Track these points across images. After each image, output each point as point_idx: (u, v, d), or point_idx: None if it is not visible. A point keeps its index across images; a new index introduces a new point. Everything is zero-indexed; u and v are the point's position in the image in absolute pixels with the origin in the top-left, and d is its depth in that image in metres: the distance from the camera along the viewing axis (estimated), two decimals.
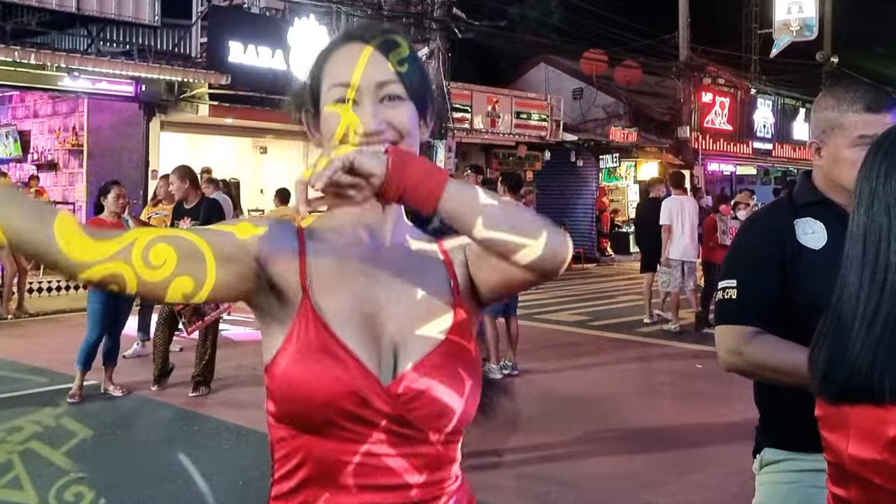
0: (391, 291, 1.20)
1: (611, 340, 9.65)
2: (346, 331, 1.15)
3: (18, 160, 15.56)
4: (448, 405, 1.16)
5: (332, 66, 1.20)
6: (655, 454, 5.42)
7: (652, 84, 22.55)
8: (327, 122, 1.18)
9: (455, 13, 16.63)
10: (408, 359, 1.16)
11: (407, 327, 1.18)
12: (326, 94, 1.19)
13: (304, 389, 1.11)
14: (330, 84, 1.19)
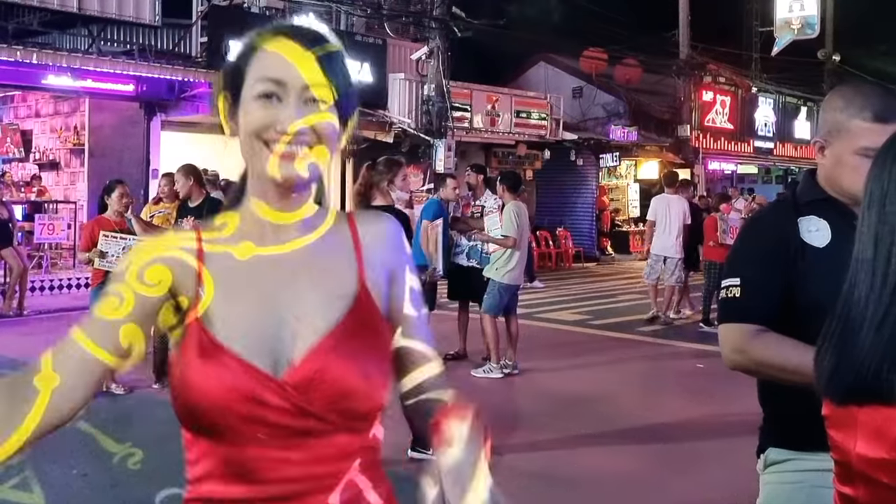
0: (293, 285, 1.19)
1: (611, 339, 9.66)
2: (236, 334, 1.14)
3: (21, 160, 15.56)
4: (349, 386, 1.14)
5: (261, 58, 1.18)
6: (657, 453, 5.42)
7: (652, 82, 22.50)
8: (249, 114, 1.17)
9: (454, 12, 16.60)
10: (302, 346, 1.14)
11: (306, 317, 1.17)
12: (252, 85, 1.17)
13: (194, 395, 1.11)
14: (257, 77, 1.17)
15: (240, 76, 1.19)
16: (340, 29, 16.44)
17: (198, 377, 1.12)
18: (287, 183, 1.17)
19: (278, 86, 1.15)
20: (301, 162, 1.16)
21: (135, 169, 13.56)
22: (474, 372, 7.39)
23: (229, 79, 1.21)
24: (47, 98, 14.89)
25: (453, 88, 16.85)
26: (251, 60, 1.18)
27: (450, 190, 8.00)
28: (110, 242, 6.39)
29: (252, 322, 1.15)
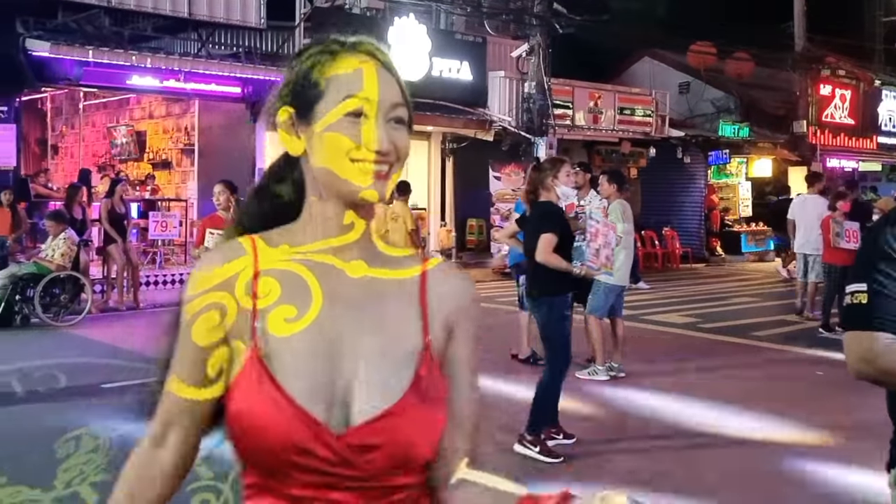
0: (355, 325, 1.13)
1: (724, 344, 9.21)
2: (292, 376, 1.09)
3: (136, 159, 16.26)
4: (412, 453, 1.11)
5: (340, 74, 1.14)
6: (772, 465, 5.11)
7: (764, 77, 21.58)
8: (335, 131, 1.12)
9: (556, 8, 16.33)
10: (367, 406, 1.09)
11: (369, 367, 1.11)
12: (337, 102, 1.13)
13: (245, 434, 1.09)
14: (344, 93, 1.13)
15: (314, 91, 1.15)
16: (440, 28, 16.44)
17: (251, 416, 1.08)
18: (373, 201, 1.15)
19: (367, 104, 1.13)
20: (386, 182, 1.15)
21: (242, 168, 13.92)
22: (579, 374, 7.16)
23: (298, 92, 1.16)
24: (160, 100, 15.49)
25: (554, 85, 16.58)
26: (329, 74, 1.15)
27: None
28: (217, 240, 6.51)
29: (308, 361, 1.10)
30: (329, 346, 1.11)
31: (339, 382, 1.09)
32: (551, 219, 5.25)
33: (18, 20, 11.58)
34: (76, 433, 4.84)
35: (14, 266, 9.61)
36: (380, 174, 1.13)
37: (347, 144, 1.12)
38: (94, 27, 12.21)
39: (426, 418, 1.11)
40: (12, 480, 4.41)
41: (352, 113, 1.12)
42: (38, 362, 7.32)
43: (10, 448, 5.03)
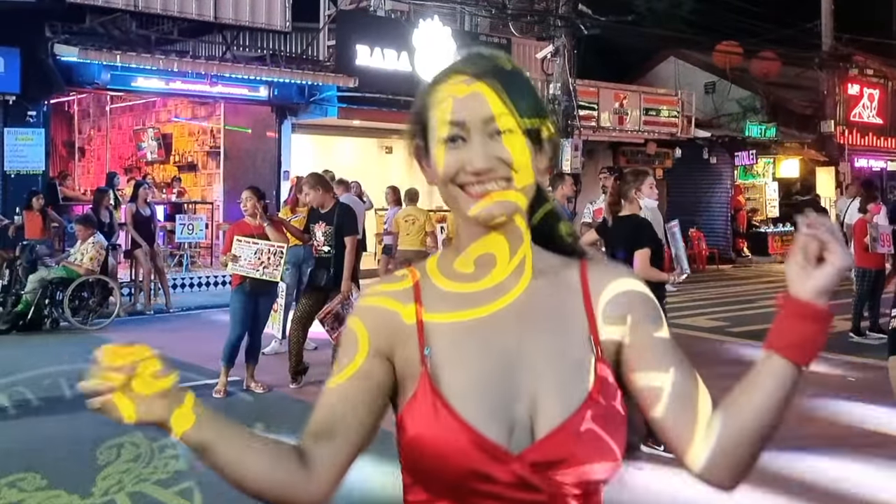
0: (524, 339, 1.13)
1: (753, 348, 9.06)
2: (468, 400, 1.08)
3: (162, 161, 16.38)
4: (595, 469, 1.08)
5: (439, 101, 1.15)
6: (804, 473, 5.01)
7: (791, 76, 21.34)
8: (438, 161, 1.14)
9: (581, 9, 16.24)
10: (546, 424, 1.08)
11: (544, 383, 1.10)
12: (434, 132, 1.15)
13: (423, 458, 1.09)
14: (437, 122, 1.14)
15: (423, 124, 1.18)
16: (465, 30, 16.40)
17: (430, 442, 1.08)
18: (489, 222, 1.13)
19: (459, 127, 1.12)
20: (497, 198, 1.12)
21: (267, 171, 14.00)
22: None
23: (415, 128, 1.20)
24: (185, 103, 15.59)
25: (579, 86, 16.50)
26: (430, 105, 1.16)
27: (568, 187, 7.98)
28: (243, 247, 6.54)
29: (482, 383, 1.10)
30: (500, 356, 1.11)
31: (520, 399, 1.08)
32: (643, 233, 5.29)
33: (47, 25, 11.71)
34: (119, 441, 4.91)
35: (43, 270, 9.70)
36: (483, 193, 1.11)
37: (450, 171, 1.12)
38: (121, 31, 12.32)
39: (605, 429, 1.09)
40: (52, 484, 4.48)
41: (447, 139, 1.13)
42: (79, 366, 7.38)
43: (51, 453, 5.08)
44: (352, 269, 6.75)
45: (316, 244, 6.73)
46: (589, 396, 1.10)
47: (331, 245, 6.68)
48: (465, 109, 1.11)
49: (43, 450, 5.15)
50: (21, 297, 9.47)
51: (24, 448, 5.21)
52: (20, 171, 11.76)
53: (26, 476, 4.57)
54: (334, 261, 6.64)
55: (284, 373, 7.05)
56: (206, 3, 12.48)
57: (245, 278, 6.56)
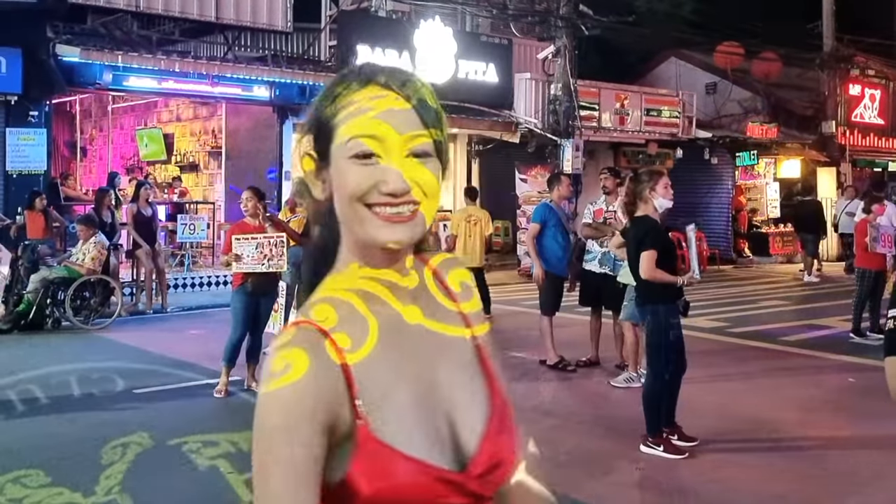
0: (423, 355, 1.09)
1: (753, 349, 9.09)
2: (411, 437, 1.01)
3: (163, 161, 16.40)
4: (515, 461, 1.13)
5: (352, 111, 1.04)
6: (805, 474, 5.04)
7: (793, 77, 21.30)
8: (345, 176, 1.04)
9: (582, 10, 16.24)
10: (472, 435, 1.07)
11: (460, 399, 1.09)
12: (345, 144, 1.04)
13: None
14: (350, 134, 1.04)
15: (326, 133, 1.06)
16: (466, 30, 16.41)
17: (392, 493, 0.99)
18: (398, 247, 1.06)
19: (376, 142, 1.03)
20: (411, 224, 1.05)
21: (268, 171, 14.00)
22: (614, 382, 7.12)
23: (316, 136, 1.08)
24: (187, 104, 15.61)
25: (580, 87, 16.49)
26: (339, 114, 1.06)
27: (565, 188, 8.01)
28: (243, 245, 6.55)
29: (413, 415, 1.04)
30: (415, 381, 1.06)
31: (439, 417, 1.05)
32: (649, 234, 5.33)
33: (48, 25, 11.72)
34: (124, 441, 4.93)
35: (45, 270, 9.72)
36: (400, 217, 1.03)
37: (359, 189, 1.03)
38: (122, 31, 12.33)
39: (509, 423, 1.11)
40: (55, 482, 4.51)
41: (359, 154, 1.03)
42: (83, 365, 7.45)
43: (55, 451, 5.11)
44: None
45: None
46: (492, 396, 1.11)
47: None
48: (384, 125, 1.03)
49: (47, 447, 5.18)
50: (23, 297, 9.49)
51: (28, 445, 5.24)
52: (22, 171, 11.77)
53: (30, 473, 4.61)
54: None
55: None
56: (207, 4, 12.50)
57: (246, 279, 6.57)
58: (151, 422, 5.77)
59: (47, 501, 4.30)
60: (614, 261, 7.46)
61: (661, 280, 5.26)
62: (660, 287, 5.29)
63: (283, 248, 6.52)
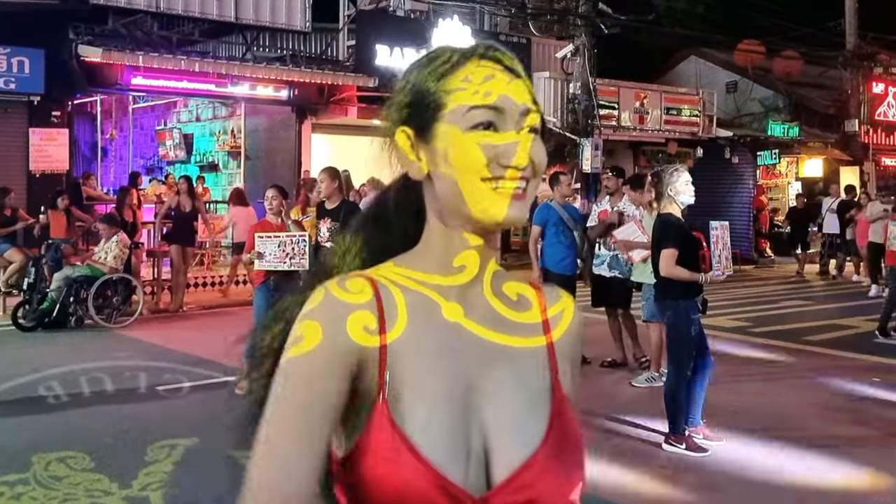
0: (485, 369, 1.00)
1: (775, 349, 8.99)
2: (429, 435, 0.95)
3: (183, 161, 16.51)
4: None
5: (463, 84, 1.00)
6: (829, 473, 4.98)
7: (814, 75, 21.12)
8: (463, 147, 0.98)
9: (601, 8, 16.18)
10: (506, 463, 0.96)
11: (504, 418, 0.99)
12: (462, 116, 0.99)
13: (374, 497, 0.94)
14: (470, 103, 0.99)
15: (433, 105, 1.01)
16: (484, 29, 16.38)
17: (389, 485, 0.93)
18: (513, 226, 1.01)
19: (497, 114, 0.99)
20: (524, 202, 1.00)
21: (287, 171, 14.05)
22: (635, 382, 7.06)
23: (416, 110, 1.03)
24: (206, 104, 15.69)
25: (599, 86, 16.42)
26: (448, 84, 1.01)
27: (565, 187, 7.86)
28: (266, 243, 6.57)
29: (443, 413, 0.96)
30: (460, 381, 0.98)
31: (475, 430, 0.97)
32: (669, 232, 5.32)
33: (70, 27, 11.83)
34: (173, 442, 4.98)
35: (68, 269, 9.79)
36: (518, 193, 0.99)
37: (478, 162, 0.98)
38: (143, 32, 12.42)
39: (567, 467, 1.00)
40: (98, 468, 4.56)
41: (479, 124, 0.99)
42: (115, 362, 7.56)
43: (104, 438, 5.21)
44: None
45: (320, 239, 6.72)
46: (548, 431, 0.99)
47: (334, 242, 6.67)
48: (505, 96, 1.00)
49: (98, 434, 5.29)
50: (46, 295, 9.57)
51: (78, 430, 5.39)
52: (45, 171, 11.89)
53: (77, 455, 4.72)
54: None
55: None
56: (226, 4, 12.56)
57: (269, 275, 6.59)
58: (173, 419, 5.81)
59: (85, 486, 4.37)
60: (622, 264, 7.44)
61: (681, 277, 5.23)
62: (681, 284, 5.26)
63: (305, 247, 6.53)
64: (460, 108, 1.00)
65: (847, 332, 9.89)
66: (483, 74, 1.01)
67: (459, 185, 0.99)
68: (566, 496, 0.99)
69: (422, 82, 1.03)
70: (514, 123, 1.00)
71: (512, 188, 0.98)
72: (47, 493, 4.24)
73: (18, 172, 11.79)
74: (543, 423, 1.00)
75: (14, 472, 4.54)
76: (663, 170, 5.61)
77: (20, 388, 6.46)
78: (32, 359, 7.76)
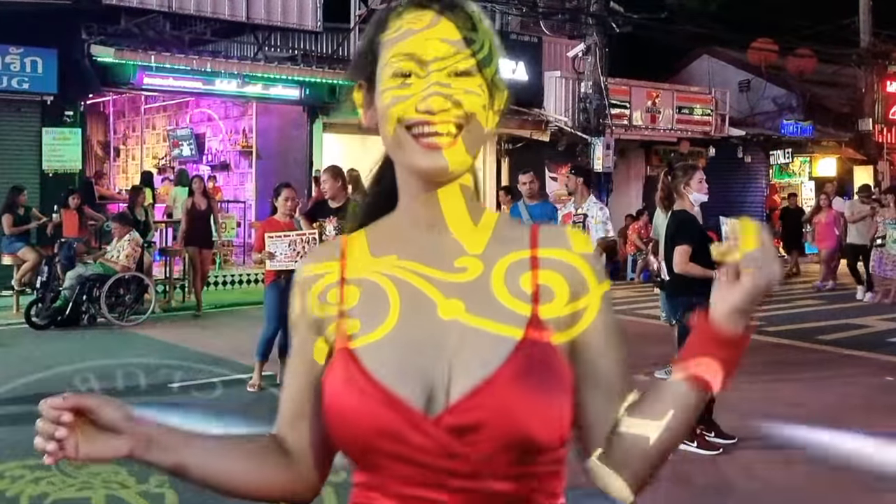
0: (452, 297, 1.01)
1: (788, 348, 8.94)
2: (384, 359, 0.98)
3: (195, 161, 16.56)
4: (525, 434, 0.94)
5: (393, 34, 1.01)
6: (842, 472, 4.94)
7: (828, 73, 20.99)
8: (383, 96, 1.01)
9: (612, 7, 16.12)
10: (463, 382, 0.95)
11: (468, 340, 0.98)
12: (385, 66, 1.01)
13: (337, 427, 1.00)
14: (389, 55, 1.01)
15: (372, 59, 1.04)
16: (496, 28, 16.33)
17: (340, 408, 0.99)
18: (435, 175, 1.01)
19: (413, 60, 0.99)
20: (452, 150, 0.99)
21: (298, 170, 14.06)
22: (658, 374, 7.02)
23: (362, 65, 1.06)
24: (218, 103, 15.74)
25: (611, 85, 16.36)
26: (382, 39, 1.03)
27: (524, 187, 7.76)
28: (276, 242, 6.57)
29: (404, 346, 1.00)
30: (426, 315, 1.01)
31: (439, 366, 0.97)
32: (684, 228, 5.31)
33: (83, 27, 11.89)
34: None
35: (81, 267, 9.84)
36: (438, 143, 0.98)
37: (397, 110, 0.99)
38: (155, 32, 12.47)
39: (540, 397, 0.95)
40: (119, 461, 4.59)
41: (398, 73, 0.99)
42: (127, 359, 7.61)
43: None
44: None
45: (325, 238, 6.72)
46: (513, 352, 0.96)
47: None
48: (421, 43, 0.99)
49: None
50: (59, 294, 9.62)
51: None
52: (57, 170, 11.96)
53: None
54: None
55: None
56: (238, 4, 12.59)
57: (279, 274, 6.59)
58: (189, 415, 5.83)
59: (104, 477, 4.41)
60: None
61: (694, 274, 5.20)
62: (694, 281, 5.23)
63: (315, 245, 6.54)
64: (384, 59, 1.01)
65: (861, 332, 9.82)
66: (407, 21, 1.01)
67: (390, 136, 1.01)
68: (524, 421, 0.94)
69: (369, 36, 1.06)
70: (437, 68, 0.98)
71: (430, 139, 0.98)
72: (65, 480, 4.28)
73: (31, 172, 11.87)
74: (509, 347, 0.97)
75: (34, 457, 4.60)
76: (677, 166, 5.59)
77: (36, 385, 6.49)
78: (46, 356, 7.81)
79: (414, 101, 0.98)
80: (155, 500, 4.20)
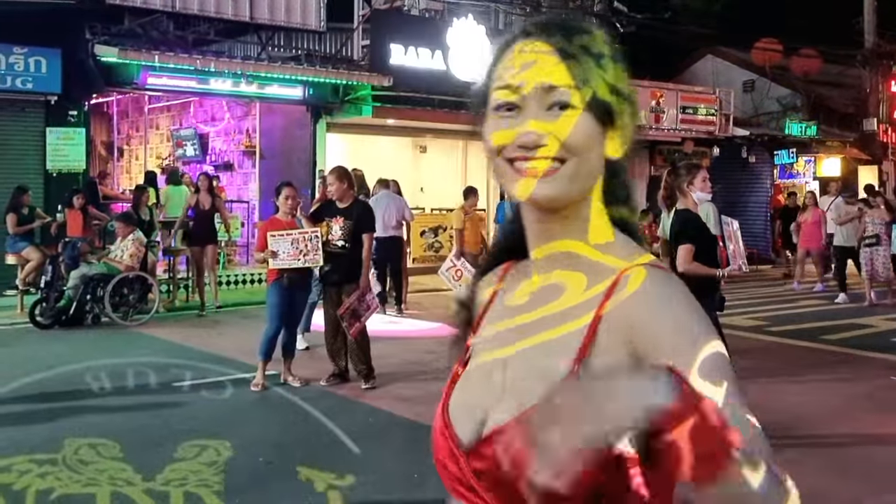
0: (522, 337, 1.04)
1: (792, 348, 8.92)
2: (462, 387, 1.07)
3: (199, 161, 16.58)
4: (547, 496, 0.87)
5: (501, 66, 1.03)
6: (847, 472, 4.94)
7: (833, 73, 20.93)
8: (487, 129, 1.03)
9: (616, 7, 16.11)
10: (500, 416, 0.97)
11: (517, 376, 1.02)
12: (492, 98, 1.03)
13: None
14: (494, 87, 1.03)
15: (483, 92, 1.07)
16: (499, 28, 16.34)
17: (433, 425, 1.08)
18: (536, 205, 1.02)
19: (513, 92, 1.00)
20: (548, 179, 0.98)
21: (301, 170, 14.06)
22: None
23: (478, 97, 1.08)
24: (222, 103, 15.74)
25: None
26: (494, 70, 1.05)
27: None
28: (279, 241, 6.56)
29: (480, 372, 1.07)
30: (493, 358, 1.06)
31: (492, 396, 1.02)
32: (687, 227, 5.30)
33: (87, 26, 11.90)
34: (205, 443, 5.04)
35: (85, 267, 9.85)
36: (533, 171, 0.99)
37: (498, 143, 1.01)
38: (159, 32, 12.47)
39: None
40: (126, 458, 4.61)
41: (501, 107, 1.01)
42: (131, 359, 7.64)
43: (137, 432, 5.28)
44: (369, 266, 6.83)
45: (331, 237, 6.71)
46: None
47: (345, 240, 6.68)
48: (522, 72, 1.00)
49: (132, 428, 5.36)
50: (63, 293, 9.63)
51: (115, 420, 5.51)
52: (61, 170, 11.97)
53: (107, 443, 4.79)
54: (349, 256, 6.66)
55: (318, 367, 7.11)
56: (242, 4, 12.59)
57: (282, 274, 6.59)
58: (193, 415, 5.84)
59: (110, 473, 4.41)
60: None
61: (698, 273, 5.18)
62: (698, 280, 5.21)
63: (318, 243, 6.53)
64: (493, 90, 1.04)
65: (865, 332, 9.79)
66: (512, 57, 1.02)
67: (495, 168, 1.04)
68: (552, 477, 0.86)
69: (485, 73, 1.08)
70: (537, 100, 0.99)
71: (526, 166, 0.99)
72: (72, 476, 4.32)
73: (35, 171, 11.88)
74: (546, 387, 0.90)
75: (43, 451, 4.66)
76: (681, 165, 5.59)
77: (40, 384, 6.50)
78: (50, 356, 7.82)
79: (512, 135, 1.00)
80: (160, 497, 4.19)
